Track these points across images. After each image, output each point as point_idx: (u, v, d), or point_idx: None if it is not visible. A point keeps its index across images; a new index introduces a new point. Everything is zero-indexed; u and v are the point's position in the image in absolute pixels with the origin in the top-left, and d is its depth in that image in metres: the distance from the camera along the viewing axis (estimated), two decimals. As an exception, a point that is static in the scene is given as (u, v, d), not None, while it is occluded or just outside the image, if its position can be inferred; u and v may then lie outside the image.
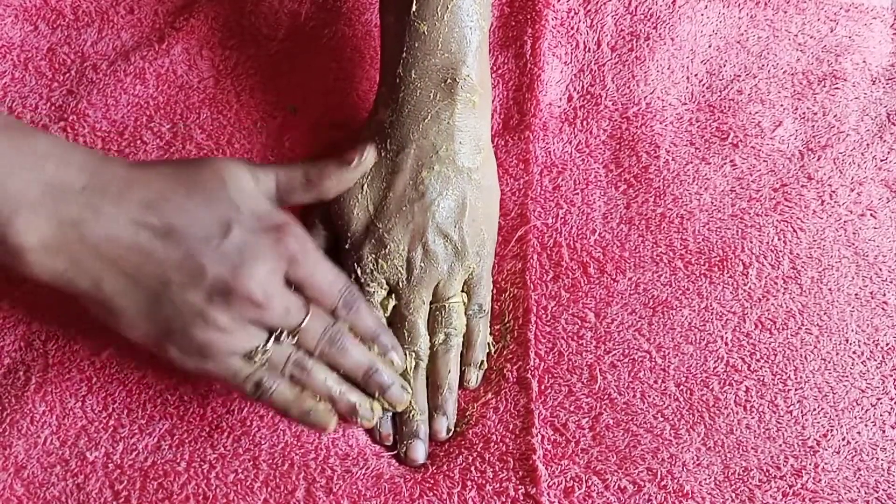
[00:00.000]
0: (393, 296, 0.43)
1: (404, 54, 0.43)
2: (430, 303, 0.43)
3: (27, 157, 0.33)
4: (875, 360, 0.43)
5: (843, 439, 0.41)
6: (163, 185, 0.35)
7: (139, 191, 0.34)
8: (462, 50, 0.43)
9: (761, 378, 0.42)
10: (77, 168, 0.34)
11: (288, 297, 0.36)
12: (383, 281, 0.42)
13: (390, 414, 0.41)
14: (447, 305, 0.43)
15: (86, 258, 0.34)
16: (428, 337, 0.43)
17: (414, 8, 0.43)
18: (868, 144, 0.51)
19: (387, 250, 0.42)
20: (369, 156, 0.41)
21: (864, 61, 0.54)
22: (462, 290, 0.44)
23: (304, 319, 0.37)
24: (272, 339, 0.36)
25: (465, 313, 0.44)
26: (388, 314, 0.43)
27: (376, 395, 0.39)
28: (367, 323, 0.39)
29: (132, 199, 0.34)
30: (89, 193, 0.34)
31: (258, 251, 0.35)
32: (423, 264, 0.42)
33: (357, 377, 0.39)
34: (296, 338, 0.37)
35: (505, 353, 0.43)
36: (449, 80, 0.43)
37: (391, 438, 0.41)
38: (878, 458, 0.41)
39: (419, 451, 0.40)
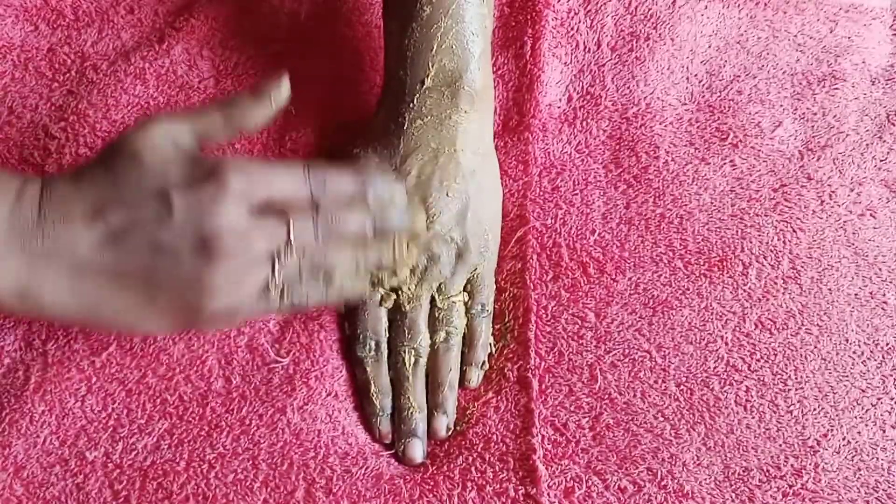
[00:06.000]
0: (395, 291, 0.43)
1: (408, 60, 0.43)
2: (432, 301, 0.43)
3: None
4: (875, 360, 0.43)
5: (844, 439, 0.41)
6: (92, 189, 0.34)
7: (79, 204, 0.33)
8: (465, 56, 0.44)
9: (761, 378, 0.42)
10: (28, 200, 0.33)
11: (262, 223, 0.35)
12: (386, 283, 0.43)
13: (389, 412, 0.41)
14: (448, 304, 0.43)
15: (67, 288, 0.33)
16: (428, 335, 0.43)
17: (416, 14, 0.43)
18: (868, 145, 0.51)
19: None
20: (283, 89, 0.38)
21: (863, 62, 0.54)
22: (464, 290, 0.44)
23: (288, 230, 0.35)
24: (275, 264, 0.35)
25: (468, 313, 0.44)
26: (388, 307, 0.43)
27: (395, 237, 0.39)
28: (346, 187, 0.37)
29: (77, 216, 0.33)
30: (43, 225, 0.33)
31: (208, 205, 0.33)
32: (426, 263, 0.42)
33: (370, 234, 0.38)
34: (295, 246, 0.35)
35: (505, 352, 0.43)
36: (452, 86, 0.43)
37: (390, 437, 0.41)
38: (878, 458, 0.41)
39: (417, 449, 0.40)
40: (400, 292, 0.43)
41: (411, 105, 0.44)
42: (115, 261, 0.33)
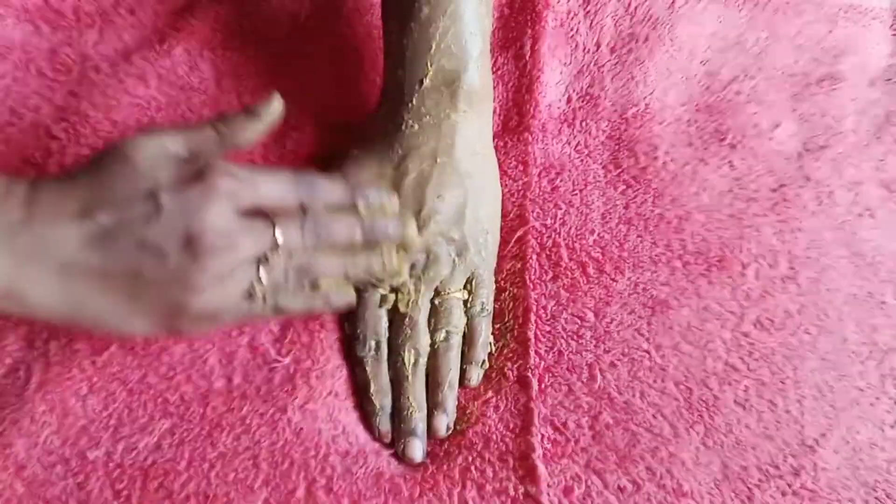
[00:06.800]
0: (394, 292, 0.43)
1: (406, 60, 0.43)
2: (431, 300, 0.43)
3: None
4: (874, 360, 0.43)
5: (842, 438, 0.41)
6: (82, 190, 0.34)
7: (68, 204, 0.34)
8: (463, 57, 0.44)
9: (760, 377, 0.42)
10: (15, 200, 0.34)
11: (248, 225, 0.35)
12: (385, 284, 0.43)
13: (389, 412, 0.42)
14: (448, 303, 0.43)
15: (53, 288, 0.33)
16: (428, 334, 0.43)
17: (414, 14, 0.43)
18: (866, 145, 0.51)
19: None
20: (275, 105, 0.39)
21: (862, 62, 0.54)
22: (464, 289, 0.44)
23: (274, 234, 0.36)
24: (259, 268, 0.36)
25: (468, 312, 0.44)
26: (388, 307, 0.43)
27: (384, 245, 0.40)
28: (335, 195, 0.39)
29: (66, 215, 0.34)
30: (31, 224, 0.33)
31: (195, 203, 0.34)
32: (425, 263, 0.43)
33: (359, 243, 0.39)
34: (281, 251, 0.36)
35: (505, 351, 0.43)
36: (451, 87, 0.44)
37: (389, 436, 0.41)
38: (876, 458, 0.41)
39: (417, 449, 0.41)
40: (400, 293, 0.43)
41: (410, 105, 0.44)
42: (102, 260, 0.33)
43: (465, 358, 0.43)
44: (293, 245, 0.37)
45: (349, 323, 0.43)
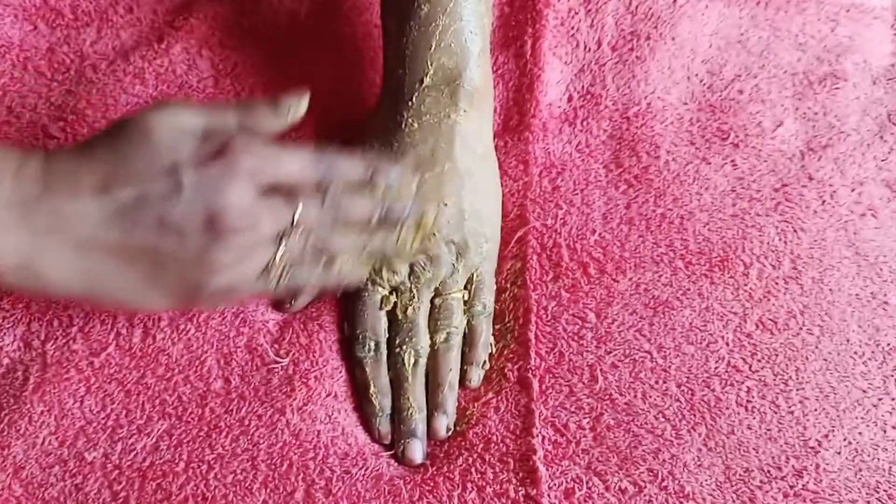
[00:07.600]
0: (394, 293, 0.43)
1: (406, 58, 0.43)
2: (431, 301, 0.43)
3: None
4: (876, 361, 0.43)
5: (845, 440, 0.41)
6: (101, 164, 0.34)
7: (87, 179, 0.33)
8: (464, 56, 0.44)
9: (762, 378, 0.42)
10: (31, 174, 0.33)
11: (269, 203, 0.35)
12: (385, 281, 0.43)
13: (389, 413, 0.41)
14: (448, 304, 0.43)
15: (70, 264, 0.33)
16: (428, 335, 0.43)
17: (414, 12, 0.43)
18: (869, 144, 0.51)
19: None
20: (302, 104, 0.39)
21: (864, 61, 0.54)
22: (465, 289, 0.44)
23: (295, 212, 0.36)
24: (280, 245, 0.36)
25: (469, 312, 0.44)
26: (388, 308, 0.43)
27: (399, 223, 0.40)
28: (354, 172, 0.38)
29: (85, 190, 0.33)
30: (48, 199, 0.33)
31: (217, 182, 0.34)
32: (425, 265, 0.42)
33: (374, 222, 0.39)
34: (300, 229, 0.36)
35: (506, 352, 0.43)
36: (451, 86, 0.43)
37: (389, 437, 0.41)
38: (879, 459, 0.40)
39: (416, 450, 0.40)
40: (400, 294, 0.43)
41: (410, 103, 0.44)
42: (121, 236, 0.33)
43: (466, 358, 0.43)
44: (311, 223, 0.37)
45: (348, 324, 0.43)
